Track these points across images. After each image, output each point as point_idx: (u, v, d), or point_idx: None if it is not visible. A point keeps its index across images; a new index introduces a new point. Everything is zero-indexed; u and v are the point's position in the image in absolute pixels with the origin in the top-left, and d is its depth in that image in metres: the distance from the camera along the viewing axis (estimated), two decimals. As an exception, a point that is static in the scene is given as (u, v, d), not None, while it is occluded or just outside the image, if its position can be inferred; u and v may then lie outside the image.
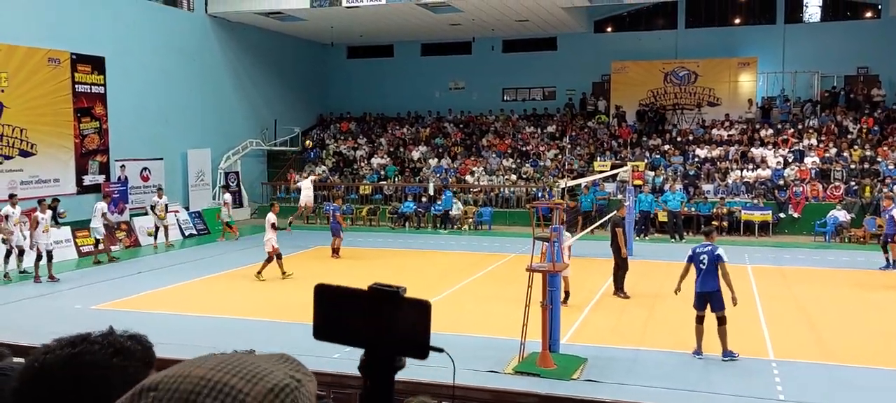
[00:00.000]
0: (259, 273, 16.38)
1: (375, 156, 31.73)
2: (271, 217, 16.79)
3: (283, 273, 16.43)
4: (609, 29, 32.50)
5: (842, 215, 22.58)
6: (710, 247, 10.32)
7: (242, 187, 29.35)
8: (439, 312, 13.45)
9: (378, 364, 1.21)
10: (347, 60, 36.26)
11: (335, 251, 19.62)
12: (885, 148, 25.83)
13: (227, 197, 24.53)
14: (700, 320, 10.26)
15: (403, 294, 1.21)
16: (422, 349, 1.20)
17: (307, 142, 31.34)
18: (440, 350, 1.22)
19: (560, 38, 32.74)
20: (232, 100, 29.37)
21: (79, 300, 14.33)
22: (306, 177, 27.89)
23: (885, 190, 23.12)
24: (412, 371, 1.38)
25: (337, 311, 1.21)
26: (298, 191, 27.78)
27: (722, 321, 10.01)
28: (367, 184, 29.36)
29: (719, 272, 10.08)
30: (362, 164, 31.35)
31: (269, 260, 16.40)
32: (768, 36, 29.94)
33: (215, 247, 22.05)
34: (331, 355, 9.91)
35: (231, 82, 29.34)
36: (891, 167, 24.67)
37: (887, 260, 17.39)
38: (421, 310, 1.20)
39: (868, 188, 23.75)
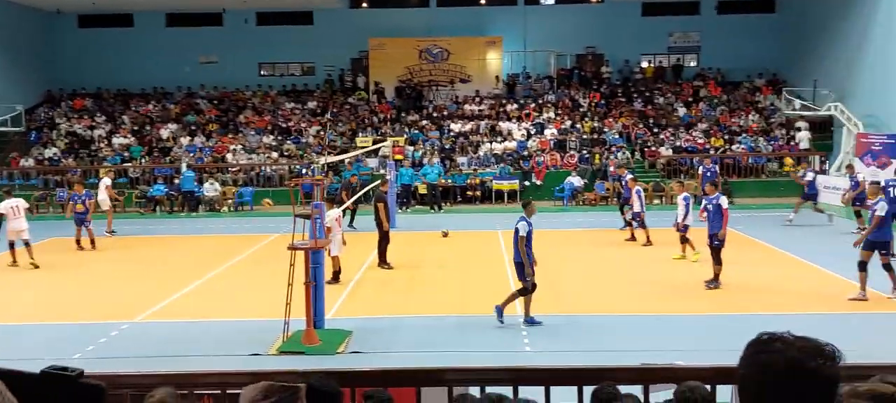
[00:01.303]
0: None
1: (117, 135, 29.02)
2: (24, 203, 15.99)
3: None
4: (364, 4, 32.71)
5: (576, 181, 25.08)
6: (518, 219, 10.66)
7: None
8: (196, 300, 12.66)
9: None
10: (79, 30, 32.59)
11: (78, 241, 17.70)
12: (611, 119, 29.13)
13: None
14: (532, 287, 10.52)
15: (78, 377, 1.07)
16: None
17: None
18: None
19: (316, 13, 32.33)
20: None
21: None
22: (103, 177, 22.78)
23: (610, 157, 26.11)
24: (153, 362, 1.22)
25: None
26: (25, 176, 24.53)
27: (521, 290, 10.47)
28: (108, 167, 26.73)
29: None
30: (102, 145, 28.50)
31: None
32: (511, 16, 32.15)
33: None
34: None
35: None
36: (615, 136, 27.89)
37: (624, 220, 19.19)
38: (94, 395, 1.12)
39: (597, 156, 26.65)
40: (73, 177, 25.19)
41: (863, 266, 11.34)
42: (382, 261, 14.71)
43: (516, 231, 10.55)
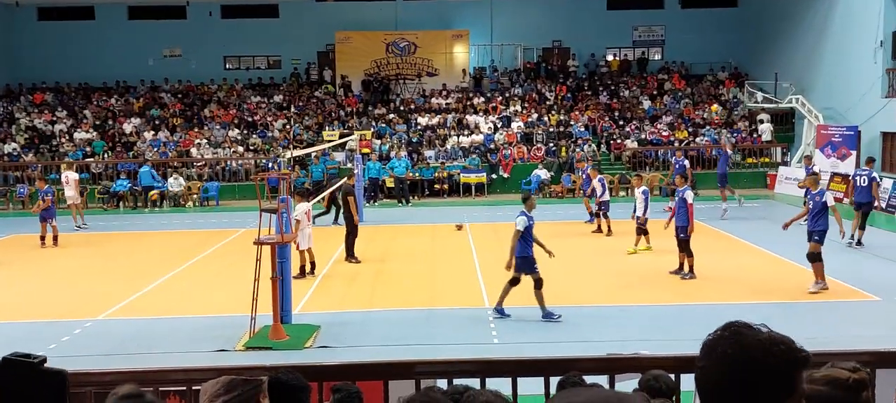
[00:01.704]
0: None
1: (79, 129, 28.44)
2: None
3: None
4: (331, -2, 32.49)
5: (543, 173, 25.24)
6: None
7: None
8: (161, 296, 12.47)
9: None
10: (39, 23, 31.85)
11: (42, 238, 17.30)
12: (577, 112, 29.36)
13: None
14: (514, 282, 10.36)
15: (40, 364, 1.09)
16: None
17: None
18: None
19: (282, 6, 32.02)
20: None
21: None
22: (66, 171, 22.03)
23: (577, 150, 26.33)
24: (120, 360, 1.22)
25: None
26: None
27: (536, 284, 10.25)
28: (70, 162, 26.19)
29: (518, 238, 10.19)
30: (63, 140, 27.92)
31: None
32: (477, 10, 32.18)
33: None
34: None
35: None
36: (581, 129, 28.12)
37: (591, 214, 19.34)
38: (56, 381, 1.14)
39: (564, 148, 26.85)
40: (33, 172, 24.68)
41: (816, 257, 11.58)
42: (350, 255, 14.68)
43: (516, 224, 10.34)
